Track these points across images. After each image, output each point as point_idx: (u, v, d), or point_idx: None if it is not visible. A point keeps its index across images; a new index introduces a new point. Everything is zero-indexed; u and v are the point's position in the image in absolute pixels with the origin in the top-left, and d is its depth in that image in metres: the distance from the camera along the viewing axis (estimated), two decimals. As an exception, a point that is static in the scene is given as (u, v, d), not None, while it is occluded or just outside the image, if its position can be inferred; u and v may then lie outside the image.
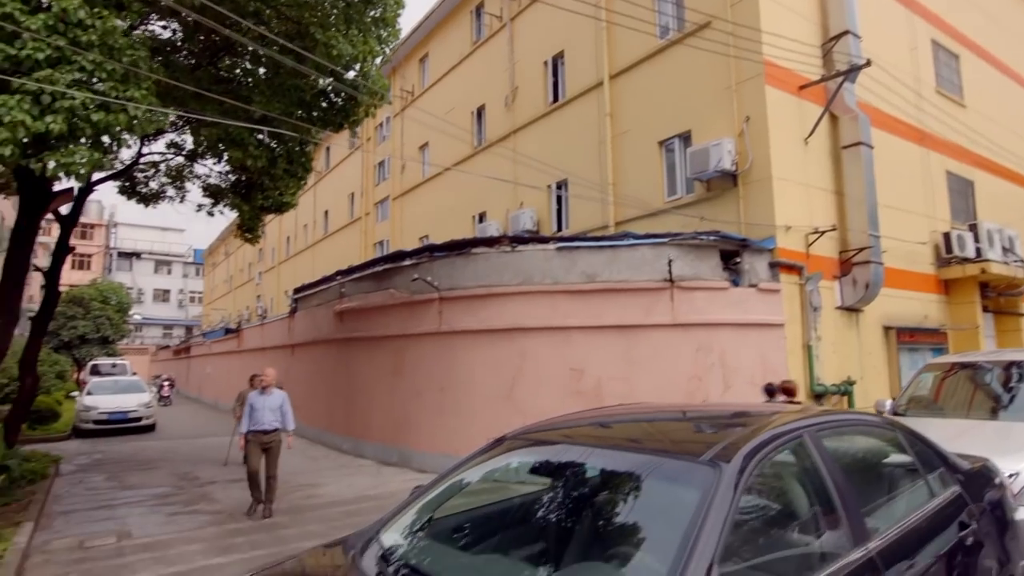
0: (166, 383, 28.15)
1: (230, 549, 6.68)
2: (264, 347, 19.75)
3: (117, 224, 61.74)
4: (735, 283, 9.96)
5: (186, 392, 35.02)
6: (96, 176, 9.52)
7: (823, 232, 10.74)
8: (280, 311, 29.64)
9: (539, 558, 2.50)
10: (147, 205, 13.81)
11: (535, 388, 9.57)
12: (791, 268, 10.37)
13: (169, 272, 63.32)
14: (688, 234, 9.94)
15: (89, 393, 18.08)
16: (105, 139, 6.17)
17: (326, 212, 30.38)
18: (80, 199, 10.02)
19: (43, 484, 9.65)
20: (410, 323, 11.28)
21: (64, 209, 10.30)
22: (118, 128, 6.00)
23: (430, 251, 11.22)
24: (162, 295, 62.15)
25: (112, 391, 18.19)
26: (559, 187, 15.30)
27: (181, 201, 14.17)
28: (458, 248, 10.78)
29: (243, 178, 12.32)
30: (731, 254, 10.11)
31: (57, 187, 8.55)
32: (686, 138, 12.11)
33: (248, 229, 12.03)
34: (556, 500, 2.78)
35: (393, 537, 2.80)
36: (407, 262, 11.58)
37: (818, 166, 11.29)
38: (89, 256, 57.50)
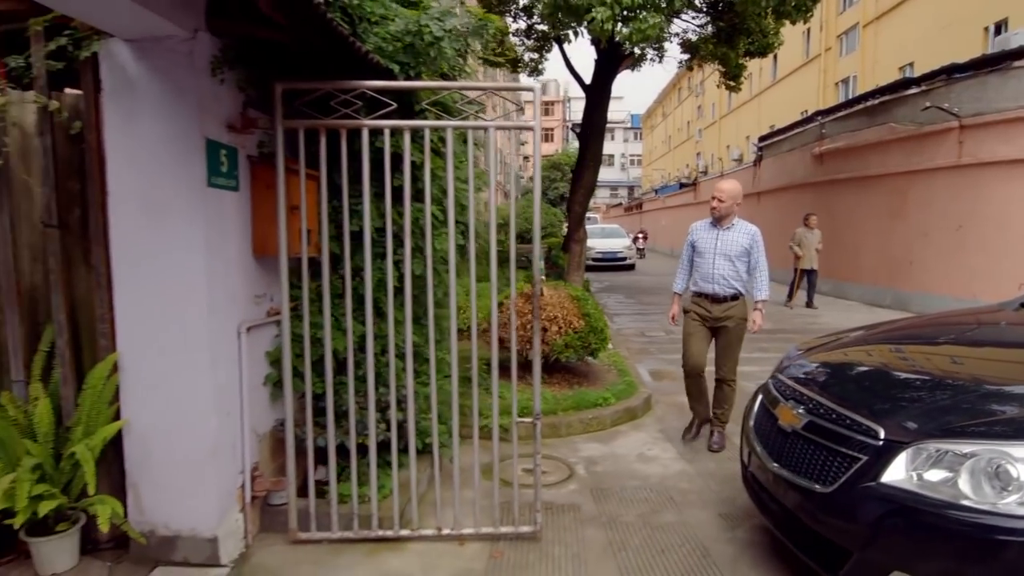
0: (640, 235, 28.46)
1: (766, 350, 7.98)
2: (723, 197, 20.80)
3: (570, 99, 70.70)
4: None
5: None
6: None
7: None
8: (721, 167, 30.25)
9: None
10: (632, 69, 15.60)
11: (1102, 225, 7.92)
12: None
13: (612, 138, 70.14)
14: None
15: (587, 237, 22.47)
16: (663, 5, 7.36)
17: (774, 55, 28.62)
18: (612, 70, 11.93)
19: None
20: (915, 158, 10.39)
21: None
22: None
23: (947, 73, 9.85)
24: (607, 159, 69.59)
25: (602, 236, 22.16)
26: None
27: (660, 61, 15.54)
28: (992, 63, 9.18)
29: (721, 27, 12.66)
30: None
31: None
32: None
33: (732, 77, 12.52)
34: None
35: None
36: (913, 90, 10.48)
37: None
38: (551, 130, 68.06)
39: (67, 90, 2.72)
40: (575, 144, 62.98)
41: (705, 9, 12.55)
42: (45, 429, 2.57)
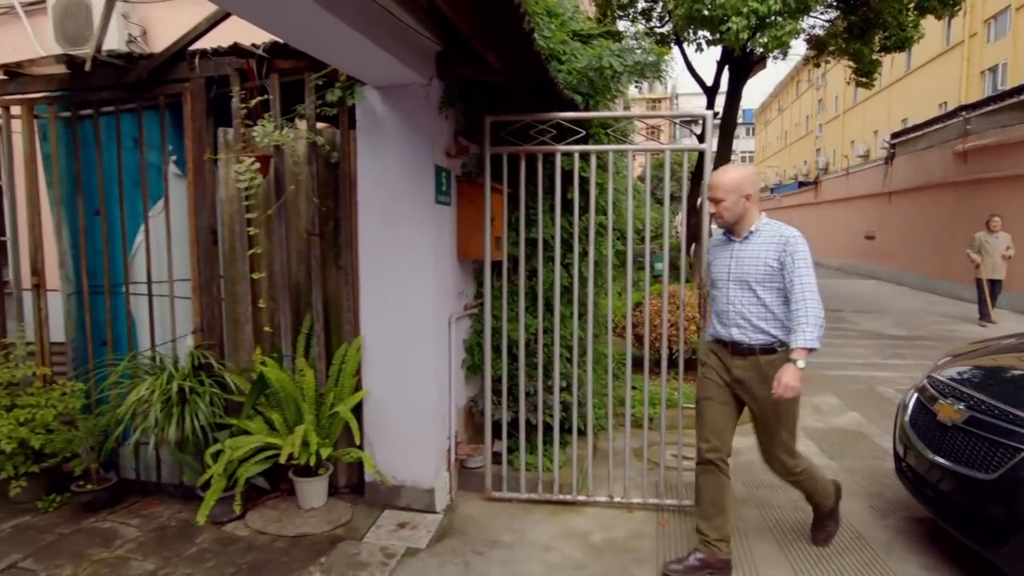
0: None
1: (903, 356, 7.80)
2: (849, 197, 19.87)
3: (678, 95, 69.14)
4: None
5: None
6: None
7: None
8: (847, 163, 28.60)
9: None
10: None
11: None
12: None
13: (723, 135, 67.82)
14: None
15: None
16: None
17: (909, 45, 26.70)
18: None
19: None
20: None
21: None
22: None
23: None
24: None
25: (715, 236, 21.84)
26: None
27: (784, 58, 15.15)
28: None
29: (853, 21, 12.18)
30: None
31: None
32: None
33: (866, 73, 12.07)
34: None
35: None
36: (1077, 82, 9.71)
37: None
38: (657, 127, 66.76)
39: (317, 126, 3.44)
40: (684, 142, 61.75)
41: (835, 3, 12.15)
42: (311, 394, 3.29)
